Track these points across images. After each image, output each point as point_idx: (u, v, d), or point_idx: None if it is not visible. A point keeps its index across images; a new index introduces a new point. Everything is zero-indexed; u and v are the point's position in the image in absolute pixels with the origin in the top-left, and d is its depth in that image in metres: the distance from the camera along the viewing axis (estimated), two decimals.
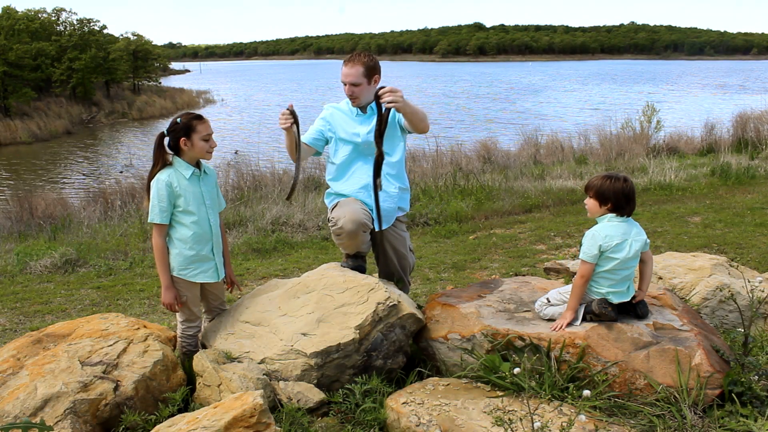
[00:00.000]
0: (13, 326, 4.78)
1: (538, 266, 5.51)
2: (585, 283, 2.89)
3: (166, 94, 43.63)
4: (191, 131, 3.04)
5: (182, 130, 3.04)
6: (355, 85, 3.32)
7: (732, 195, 8.24)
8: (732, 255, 5.42)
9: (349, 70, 3.33)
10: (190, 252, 3.13)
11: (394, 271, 3.72)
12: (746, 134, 12.93)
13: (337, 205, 3.44)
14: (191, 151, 3.08)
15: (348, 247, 3.48)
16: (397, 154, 3.49)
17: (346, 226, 3.30)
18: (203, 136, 3.06)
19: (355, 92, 3.34)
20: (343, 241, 3.40)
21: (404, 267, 3.75)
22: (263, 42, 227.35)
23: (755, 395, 2.59)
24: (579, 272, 2.90)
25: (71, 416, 2.58)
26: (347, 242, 3.41)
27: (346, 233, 3.33)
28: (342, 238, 3.37)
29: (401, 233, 3.67)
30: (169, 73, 70.09)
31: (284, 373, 2.91)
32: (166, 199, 3.04)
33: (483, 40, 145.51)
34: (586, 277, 2.88)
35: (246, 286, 5.48)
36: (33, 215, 9.15)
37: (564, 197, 8.52)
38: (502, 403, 2.62)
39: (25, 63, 32.78)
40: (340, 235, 3.37)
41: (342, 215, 3.33)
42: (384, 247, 3.63)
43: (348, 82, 3.33)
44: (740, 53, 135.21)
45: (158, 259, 3.12)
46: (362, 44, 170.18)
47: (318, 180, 11.03)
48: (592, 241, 2.84)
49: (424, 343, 3.19)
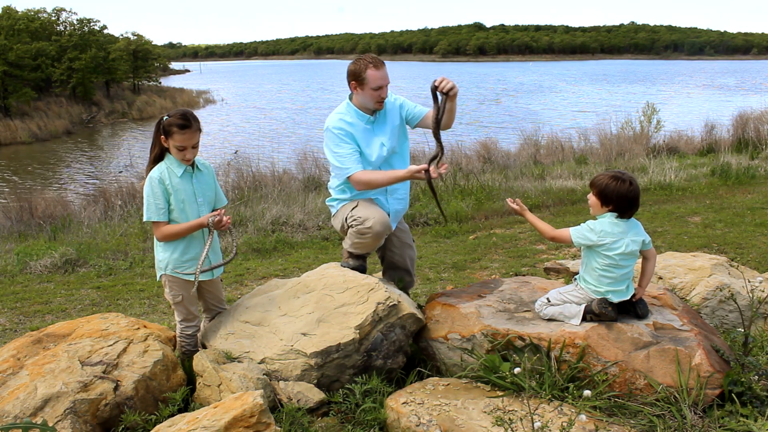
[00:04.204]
0: (13, 326, 4.78)
1: (538, 266, 5.51)
2: (552, 240, 3.00)
3: (166, 94, 43.62)
4: (168, 136, 2.98)
5: (163, 129, 2.99)
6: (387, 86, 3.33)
7: (732, 195, 8.24)
8: (732, 255, 5.42)
9: (384, 73, 3.30)
10: (182, 251, 3.11)
11: (400, 264, 3.73)
12: (746, 134, 12.93)
13: (358, 205, 3.38)
14: (171, 150, 3.04)
15: (366, 248, 3.43)
16: (406, 152, 3.55)
17: (375, 227, 3.26)
18: (178, 145, 2.99)
19: (385, 94, 3.34)
20: (366, 241, 3.35)
21: (411, 258, 3.79)
22: (263, 42, 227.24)
23: (755, 395, 2.59)
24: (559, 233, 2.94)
25: (71, 416, 2.58)
26: (370, 243, 3.36)
27: (374, 234, 3.29)
28: (367, 238, 3.32)
29: (404, 225, 3.76)
30: (169, 73, 70.02)
31: (284, 373, 2.91)
32: (161, 197, 3.01)
33: (483, 40, 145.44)
34: (556, 240, 2.98)
35: (246, 286, 5.48)
36: (33, 215, 9.15)
37: (564, 197, 8.52)
38: (502, 403, 2.62)
39: (25, 63, 32.79)
40: (365, 234, 3.31)
41: (371, 216, 3.28)
42: (391, 239, 3.66)
43: (385, 85, 3.30)
44: (740, 53, 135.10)
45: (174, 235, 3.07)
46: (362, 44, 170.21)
47: (318, 180, 11.04)
48: (586, 232, 2.85)
49: (424, 343, 3.19)
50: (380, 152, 3.39)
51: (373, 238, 3.33)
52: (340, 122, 3.35)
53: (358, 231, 3.34)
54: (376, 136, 3.42)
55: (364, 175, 3.27)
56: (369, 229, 3.28)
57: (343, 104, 3.45)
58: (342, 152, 3.30)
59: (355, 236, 3.37)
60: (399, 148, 3.51)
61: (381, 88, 3.29)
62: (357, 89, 3.34)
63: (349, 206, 3.42)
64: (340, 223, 3.50)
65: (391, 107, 3.48)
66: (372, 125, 3.41)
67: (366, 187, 3.32)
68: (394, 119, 3.48)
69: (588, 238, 2.84)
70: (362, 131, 3.38)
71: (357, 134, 3.35)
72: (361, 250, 3.47)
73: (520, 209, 3.08)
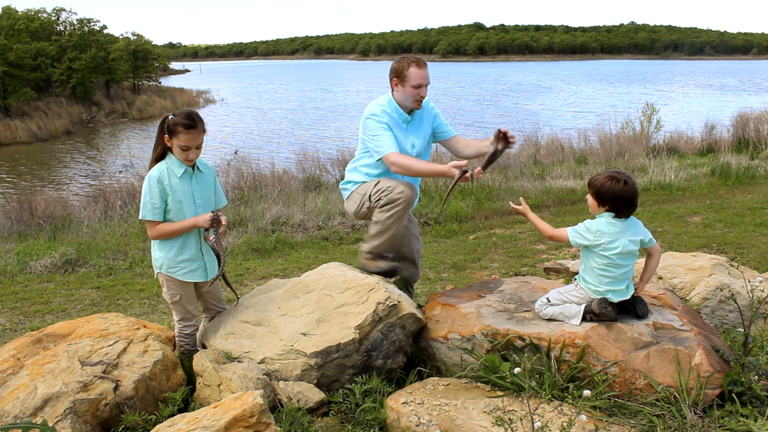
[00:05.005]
0: (13, 326, 4.78)
1: (538, 266, 5.51)
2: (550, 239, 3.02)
3: (166, 94, 43.62)
4: (173, 135, 2.98)
5: (168, 128, 2.99)
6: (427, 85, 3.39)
7: (732, 195, 8.24)
8: (732, 255, 5.42)
9: (425, 72, 3.37)
10: (177, 252, 3.10)
11: (407, 255, 3.75)
12: (746, 134, 12.93)
13: (380, 181, 3.38)
14: (174, 150, 3.04)
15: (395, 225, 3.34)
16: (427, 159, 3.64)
17: (406, 192, 3.25)
18: (182, 145, 2.98)
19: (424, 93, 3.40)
20: (398, 210, 3.28)
21: (418, 250, 3.83)
22: (263, 42, 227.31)
23: (755, 395, 2.59)
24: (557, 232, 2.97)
25: (71, 416, 2.58)
26: (401, 212, 3.30)
27: (406, 200, 3.25)
28: (399, 205, 3.26)
29: (412, 217, 3.83)
30: (169, 73, 70.08)
31: (284, 373, 2.91)
32: (158, 196, 3.01)
33: (483, 40, 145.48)
34: (554, 239, 3.01)
35: (246, 286, 5.48)
36: (33, 215, 9.15)
37: (564, 197, 8.52)
38: (502, 403, 2.62)
39: (25, 63, 32.81)
40: (397, 202, 3.25)
41: (398, 183, 3.28)
42: None
43: (425, 84, 3.37)
44: (740, 53, 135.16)
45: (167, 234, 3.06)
46: (362, 44, 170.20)
47: (318, 180, 11.04)
48: (583, 232, 2.86)
49: (424, 343, 3.19)
50: (410, 152, 3.44)
51: (404, 207, 3.28)
52: (382, 113, 3.41)
53: (389, 199, 3.28)
54: (409, 135, 3.47)
55: (402, 158, 3.28)
56: (401, 194, 3.25)
57: (384, 97, 3.50)
58: (381, 134, 3.34)
59: (386, 210, 3.30)
60: (424, 153, 3.59)
61: (421, 87, 3.36)
62: (398, 86, 3.41)
63: (371, 184, 3.42)
64: (359, 202, 3.45)
65: (427, 113, 3.56)
66: (407, 124, 3.48)
67: (402, 171, 3.30)
68: (428, 125, 3.57)
69: (584, 237, 2.85)
70: (398, 127, 3.44)
71: (393, 125, 3.42)
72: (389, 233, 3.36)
73: (523, 209, 3.11)
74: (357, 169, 3.54)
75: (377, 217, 3.37)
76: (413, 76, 3.34)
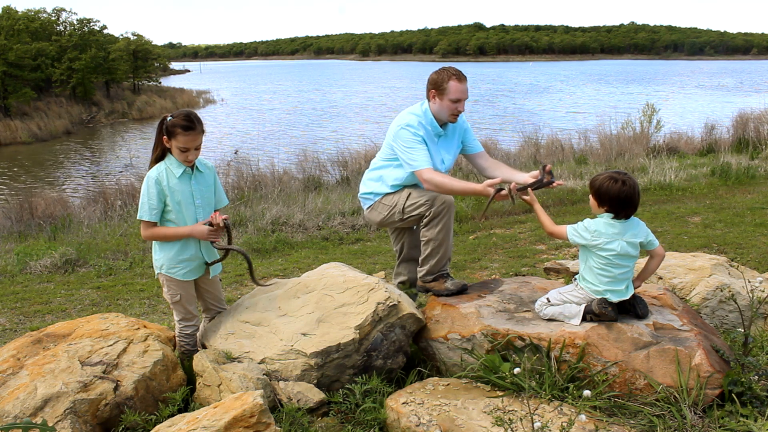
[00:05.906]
0: (13, 326, 4.78)
1: (538, 266, 5.51)
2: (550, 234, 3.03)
3: (166, 94, 43.62)
4: (171, 137, 2.97)
5: (167, 130, 2.98)
6: None
7: (732, 195, 8.24)
8: (732, 255, 5.42)
9: (465, 87, 3.30)
10: (178, 252, 3.11)
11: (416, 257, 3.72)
12: (746, 134, 12.93)
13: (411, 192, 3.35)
14: (173, 151, 3.04)
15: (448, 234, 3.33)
16: None
17: (447, 201, 3.24)
18: (181, 146, 2.97)
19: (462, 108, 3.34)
20: (445, 220, 3.28)
21: None
22: (263, 42, 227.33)
23: (755, 395, 2.59)
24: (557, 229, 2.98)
25: (71, 416, 2.58)
26: (449, 221, 3.30)
27: (448, 207, 3.26)
28: (445, 215, 3.26)
29: None
30: (169, 73, 70.06)
31: (284, 373, 2.91)
32: (156, 197, 3.00)
33: (483, 40, 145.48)
34: (554, 235, 3.03)
35: (246, 286, 5.48)
36: (33, 215, 9.16)
37: (564, 197, 8.52)
38: (502, 403, 2.62)
39: (25, 63, 32.79)
40: (441, 213, 3.25)
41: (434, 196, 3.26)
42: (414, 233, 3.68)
43: (463, 99, 3.31)
44: (740, 53, 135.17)
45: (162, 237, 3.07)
46: (362, 44, 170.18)
47: (318, 180, 11.04)
48: (581, 231, 2.87)
49: (424, 343, 3.19)
50: (440, 167, 3.39)
51: (450, 215, 3.28)
52: (419, 125, 3.33)
53: (433, 215, 3.26)
54: (440, 149, 3.42)
55: (437, 176, 3.23)
56: (443, 206, 3.24)
57: (420, 107, 3.41)
58: (416, 147, 3.28)
59: (434, 226, 3.28)
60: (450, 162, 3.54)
61: (459, 101, 3.30)
62: (435, 98, 3.33)
63: (401, 195, 3.38)
64: (386, 213, 3.42)
65: (459, 127, 3.51)
66: (439, 138, 3.42)
67: (436, 188, 3.25)
68: (458, 140, 3.52)
69: (582, 236, 2.86)
70: (430, 140, 3.38)
71: (427, 141, 3.36)
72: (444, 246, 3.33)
73: (530, 199, 3.12)
74: (381, 179, 3.47)
75: (427, 235, 3.33)
76: (453, 90, 3.26)
